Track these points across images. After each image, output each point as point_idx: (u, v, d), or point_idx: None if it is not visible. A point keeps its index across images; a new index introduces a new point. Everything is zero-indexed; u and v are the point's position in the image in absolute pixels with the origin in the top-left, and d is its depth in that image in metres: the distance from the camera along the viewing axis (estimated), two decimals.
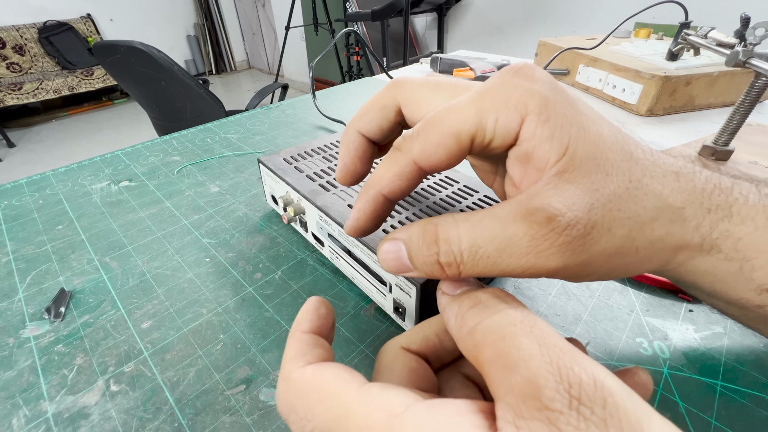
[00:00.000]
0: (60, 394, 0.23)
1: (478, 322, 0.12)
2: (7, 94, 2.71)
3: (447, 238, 0.14)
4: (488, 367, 0.11)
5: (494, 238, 0.13)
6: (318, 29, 2.53)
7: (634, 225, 0.13)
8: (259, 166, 0.34)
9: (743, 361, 0.24)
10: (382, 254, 0.16)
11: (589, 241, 0.13)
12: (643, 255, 0.14)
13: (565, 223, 0.13)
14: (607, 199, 0.13)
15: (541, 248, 0.13)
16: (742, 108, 0.39)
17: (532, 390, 0.10)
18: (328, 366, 0.13)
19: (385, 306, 0.25)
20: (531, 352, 0.10)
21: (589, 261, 0.13)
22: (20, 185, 0.45)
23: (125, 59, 1.23)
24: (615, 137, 0.14)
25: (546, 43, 0.76)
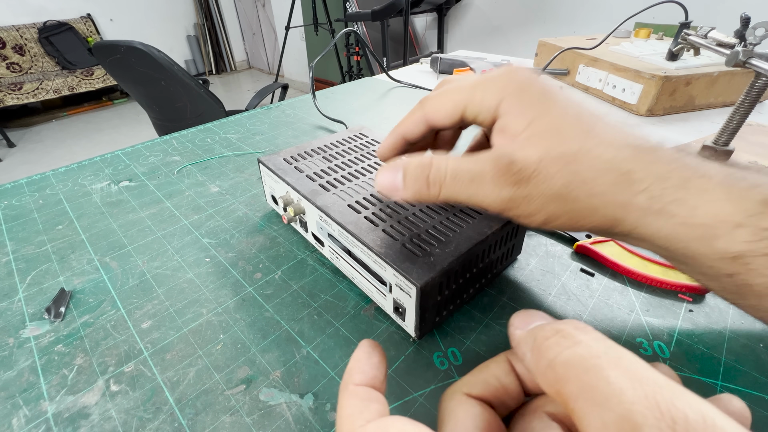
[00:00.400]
0: (60, 394, 0.23)
1: (558, 354, 0.12)
2: (7, 94, 2.71)
3: (438, 164, 0.19)
4: (574, 402, 0.11)
5: (471, 170, 0.19)
6: (318, 29, 2.53)
7: (574, 178, 0.17)
8: (259, 166, 0.34)
9: (743, 361, 0.24)
10: (380, 175, 0.21)
11: (533, 181, 0.17)
12: (584, 205, 0.17)
13: (518, 167, 0.18)
14: (556, 156, 0.17)
15: (500, 181, 0.18)
16: (742, 108, 0.39)
17: (629, 428, 0.09)
18: (391, 422, 0.13)
19: (385, 306, 0.25)
20: (621, 386, 0.10)
21: (531, 196, 0.18)
22: (20, 185, 0.45)
23: (125, 59, 1.23)
24: (579, 117, 0.18)
25: (546, 43, 0.76)
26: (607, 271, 0.31)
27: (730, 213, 0.16)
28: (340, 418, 0.14)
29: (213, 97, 1.37)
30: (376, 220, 0.26)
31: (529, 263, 0.31)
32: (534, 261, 0.32)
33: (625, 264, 0.30)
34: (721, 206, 0.16)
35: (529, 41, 2.14)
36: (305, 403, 0.22)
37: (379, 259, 0.23)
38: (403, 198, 0.21)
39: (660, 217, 0.17)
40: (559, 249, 0.33)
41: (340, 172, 0.31)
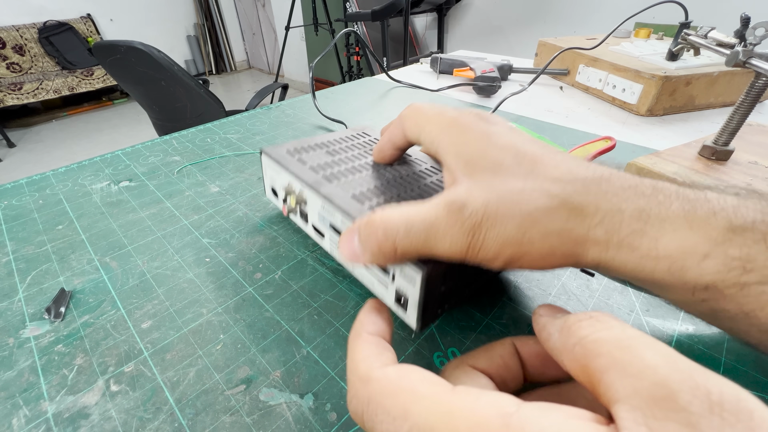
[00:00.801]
0: (60, 394, 0.23)
1: (591, 333, 0.12)
2: (7, 94, 2.71)
3: (386, 218, 0.18)
4: (602, 374, 0.11)
5: (424, 221, 0.17)
6: (318, 29, 2.53)
7: (524, 219, 0.16)
8: (261, 156, 0.34)
9: (743, 361, 0.24)
10: (341, 242, 0.20)
11: (484, 227, 0.16)
12: (540, 246, 0.16)
13: (468, 212, 0.17)
14: (500, 196, 0.17)
15: (453, 230, 0.17)
16: (742, 108, 0.39)
17: (665, 393, 0.10)
18: (410, 368, 0.14)
19: (386, 298, 0.25)
20: (657, 362, 0.10)
21: (486, 243, 0.16)
22: (20, 185, 0.45)
23: (125, 59, 1.23)
24: (522, 154, 0.18)
25: (546, 43, 0.76)
26: None
27: (695, 243, 0.15)
28: (354, 362, 0.14)
29: (213, 97, 1.37)
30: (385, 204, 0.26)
31: None
32: None
33: None
34: (684, 236, 0.15)
35: (529, 41, 2.14)
36: (305, 403, 0.22)
37: None
38: (365, 261, 0.19)
39: (621, 251, 0.16)
40: None
41: (344, 166, 0.31)
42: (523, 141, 0.19)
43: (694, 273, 0.15)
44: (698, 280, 0.15)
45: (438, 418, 0.11)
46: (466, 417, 0.11)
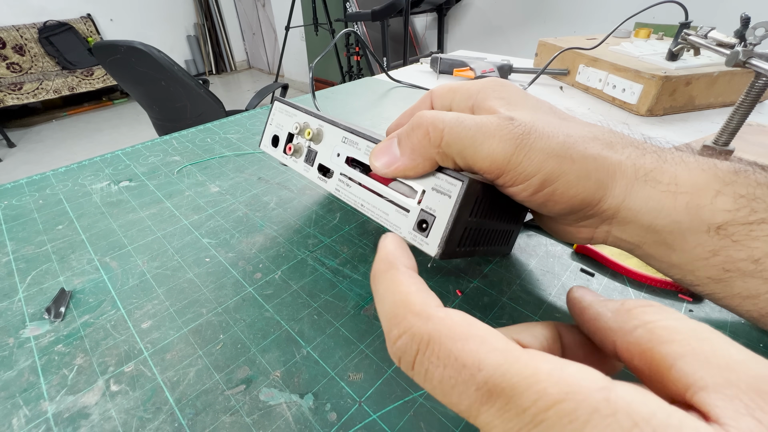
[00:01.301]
0: (60, 394, 0.23)
1: (660, 320, 0.12)
2: (7, 94, 2.71)
3: (438, 114, 0.18)
4: (676, 360, 0.11)
5: (475, 120, 0.18)
6: (318, 29, 2.53)
7: (568, 139, 0.17)
8: (273, 103, 0.32)
9: None
10: (374, 150, 0.21)
11: (531, 137, 0.17)
12: (579, 167, 0.17)
13: (517, 122, 0.18)
14: (545, 122, 0.18)
15: (505, 133, 0.17)
16: (742, 108, 0.39)
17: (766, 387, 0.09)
18: (471, 318, 0.12)
19: (403, 228, 0.22)
20: (743, 358, 0.10)
21: (531, 154, 0.17)
22: (20, 185, 0.45)
23: (125, 59, 1.24)
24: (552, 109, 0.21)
25: (546, 43, 0.76)
26: (607, 271, 0.31)
27: (707, 181, 0.16)
28: (402, 294, 0.13)
29: (213, 97, 1.37)
30: None
31: (529, 263, 0.31)
32: (534, 261, 0.32)
33: (625, 264, 0.30)
34: (698, 175, 0.16)
35: (529, 41, 2.14)
36: (305, 403, 0.22)
37: None
38: (403, 164, 0.19)
39: (646, 187, 0.17)
40: (559, 249, 0.33)
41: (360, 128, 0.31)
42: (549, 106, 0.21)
43: (708, 211, 0.16)
44: (712, 218, 0.16)
45: (520, 376, 0.10)
46: (555, 382, 0.10)
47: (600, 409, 0.09)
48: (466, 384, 0.11)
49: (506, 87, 0.21)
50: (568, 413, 0.09)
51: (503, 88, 0.21)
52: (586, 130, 0.18)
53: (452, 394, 0.11)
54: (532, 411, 0.10)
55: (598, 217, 0.18)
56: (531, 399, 0.10)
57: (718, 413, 0.09)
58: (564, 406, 0.09)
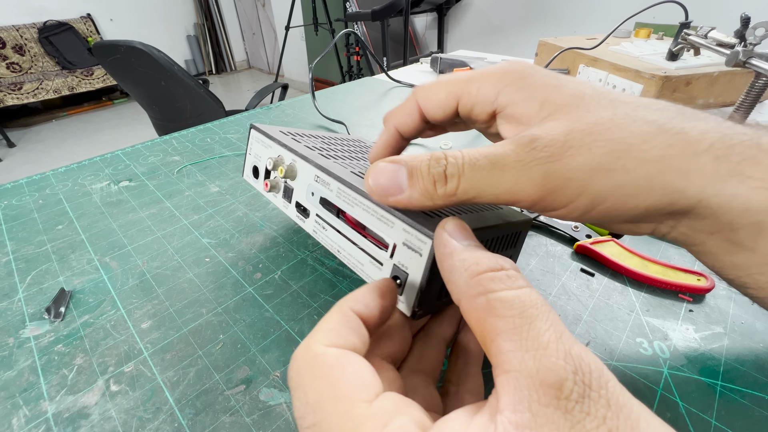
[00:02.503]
0: (60, 394, 0.23)
1: (500, 290, 0.12)
2: (7, 94, 2.71)
3: (454, 155, 0.16)
4: (499, 337, 0.12)
5: (490, 154, 0.15)
6: (318, 29, 2.53)
7: (617, 145, 0.14)
8: (250, 132, 0.31)
9: (743, 361, 0.24)
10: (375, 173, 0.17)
11: (566, 157, 0.14)
12: (635, 176, 0.14)
13: (544, 142, 0.15)
14: (587, 126, 0.15)
15: (526, 160, 0.15)
16: (742, 108, 0.39)
17: (554, 380, 0.10)
18: (353, 359, 0.13)
19: None
20: (550, 339, 0.11)
21: (569, 175, 0.14)
22: (20, 185, 0.45)
23: (125, 59, 1.23)
24: (599, 92, 0.16)
25: (546, 43, 0.76)
26: (607, 271, 0.31)
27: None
28: (317, 327, 0.14)
29: (213, 97, 1.37)
30: None
31: (529, 263, 0.31)
32: (534, 261, 0.32)
33: (626, 264, 0.30)
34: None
35: (529, 41, 2.14)
36: None
37: (386, 215, 0.20)
38: (407, 199, 0.17)
39: (731, 182, 0.14)
40: (559, 249, 0.33)
41: (341, 152, 0.29)
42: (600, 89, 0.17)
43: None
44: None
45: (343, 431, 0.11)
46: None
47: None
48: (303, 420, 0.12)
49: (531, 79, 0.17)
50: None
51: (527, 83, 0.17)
52: (648, 120, 0.15)
53: (297, 424, 0.13)
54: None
55: (667, 214, 0.16)
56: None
57: (503, 399, 0.11)
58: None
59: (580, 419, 0.10)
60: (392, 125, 0.21)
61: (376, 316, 0.15)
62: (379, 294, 0.16)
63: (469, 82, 0.18)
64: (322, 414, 0.12)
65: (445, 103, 0.19)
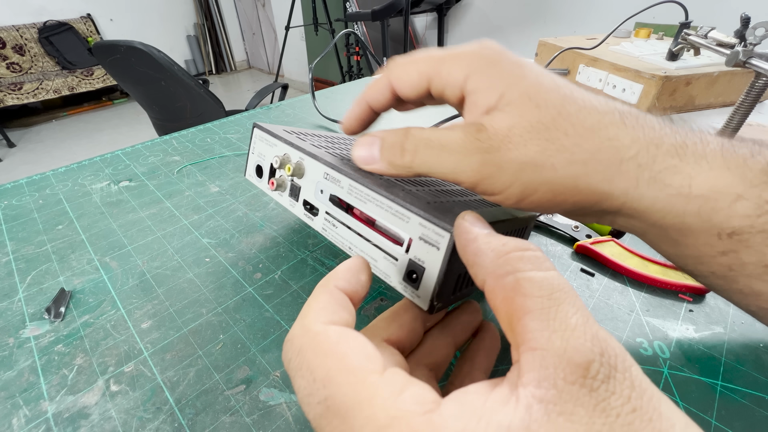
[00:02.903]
0: (60, 394, 0.23)
1: (529, 270, 0.13)
2: (7, 94, 2.71)
3: (413, 132, 0.18)
4: (526, 316, 0.12)
5: (441, 137, 0.17)
6: (318, 29, 2.53)
7: (551, 144, 0.16)
8: (253, 131, 0.30)
9: (743, 361, 0.24)
10: (357, 146, 0.20)
11: (504, 149, 0.16)
12: (563, 174, 0.16)
13: (487, 134, 0.16)
14: (529, 123, 0.16)
15: (469, 147, 0.17)
16: (742, 108, 0.39)
17: (581, 360, 0.11)
18: (354, 334, 0.13)
19: (392, 277, 0.21)
20: (577, 322, 0.11)
21: (502, 165, 0.16)
22: (20, 185, 0.45)
23: (125, 59, 1.23)
24: (556, 84, 0.17)
25: (546, 43, 0.76)
26: (607, 271, 0.31)
27: (729, 183, 0.14)
28: (308, 308, 0.14)
29: (213, 97, 1.37)
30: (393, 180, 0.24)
31: None
32: None
33: (626, 264, 0.30)
34: (719, 175, 0.15)
35: (529, 41, 2.14)
36: None
37: (401, 210, 0.20)
38: (378, 169, 0.19)
39: (652, 188, 0.15)
40: (559, 249, 0.33)
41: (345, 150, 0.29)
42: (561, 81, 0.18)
43: (723, 215, 0.14)
44: (726, 223, 0.14)
45: (358, 399, 0.11)
46: (387, 408, 0.11)
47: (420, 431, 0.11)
48: (313, 397, 0.12)
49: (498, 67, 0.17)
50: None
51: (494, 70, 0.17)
52: (586, 125, 0.16)
53: (304, 404, 0.12)
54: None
55: (597, 212, 0.17)
56: (360, 422, 0.11)
57: (527, 375, 0.11)
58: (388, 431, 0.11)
59: (605, 397, 0.10)
60: (364, 100, 0.22)
61: (358, 291, 0.16)
62: (357, 270, 0.16)
63: (440, 62, 0.19)
64: (333, 387, 0.12)
65: (417, 84, 0.19)
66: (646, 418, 0.10)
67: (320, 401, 0.12)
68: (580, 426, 0.10)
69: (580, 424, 0.10)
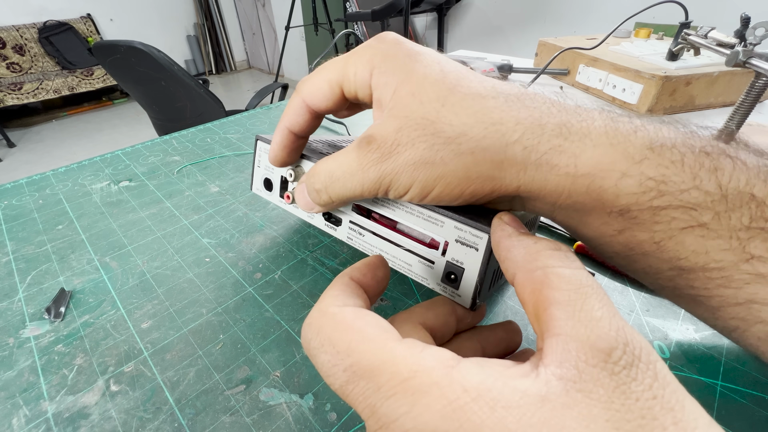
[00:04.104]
0: (60, 394, 0.23)
1: (558, 266, 0.13)
2: (7, 94, 2.71)
3: (317, 170, 0.19)
4: (553, 306, 0.12)
5: (341, 164, 0.18)
6: (318, 29, 2.53)
7: (437, 140, 0.16)
8: (256, 144, 0.30)
9: (743, 361, 0.24)
10: (297, 194, 0.21)
11: (395, 153, 0.16)
12: (454, 167, 0.16)
13: (377, 143, 0.17)
14: (414, 122, 0.16)
15: (364, 164, 0.17)
16: (742, 108, 0.39)
17: (604, 346, 0.11)
18: (368, 313, 0.14)
19: (430, 279, 0.22)
20: (603, 314, 0.12)
21: (397, 169, 0.16)
22: (20, 185, 0.45)
23: (125, 59, 1.23)
24: (444, 75, 0.17)
25: (546, 43, 0.76)
26: (607, 271, 0.31)
27: (613, 161, 0.14)
28: (324, 294, 0.15)
29: (213, 97, 1.37)
30: None
31: None
32: None
33: None
34: (603, 153, 0.15)
35: (529, 41, 2.14)
36: (305, 403, 0.22)
37: (434, 215, 0.20)
38: (312, 209, 0.21)
39: (541, 170, 0.15)
40: None
41: None
42: (447, 62, 0.18)
43: (611, 194, 0.15)
44: (614, 201, 0.15)
45: (381, 361, 0.12)
46: (409, 364, 0.12)
47: (439, 382, 0.11)
48: (337, 367, 0.13)
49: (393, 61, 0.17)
50: (413, 387, 0.11)
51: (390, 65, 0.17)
52: (470, 112, 0.16)
53: (329, 375, 0.13)
54: (386, 387, 0.12)
55: (502, 198, 0.17)
56: (385, 378, 0.12)
57: (548, 357, 0.11)
58: (411, 382, 0.12)
59: (626, 381, 0.10)
60: (284, 126, 0.21)
61: (373, 286, 0.17)
62: (375, 266, 0.17)
63: (345, 65, 0.18)
64: (357, 355, 0.13)
65: (330, 94, 0.19)
66: (668, 407, 0.10)
67: (345, 369, 0.13)
68: (599, 403, 0.10)
69: (598, 401, 0.10)
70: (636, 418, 0.10)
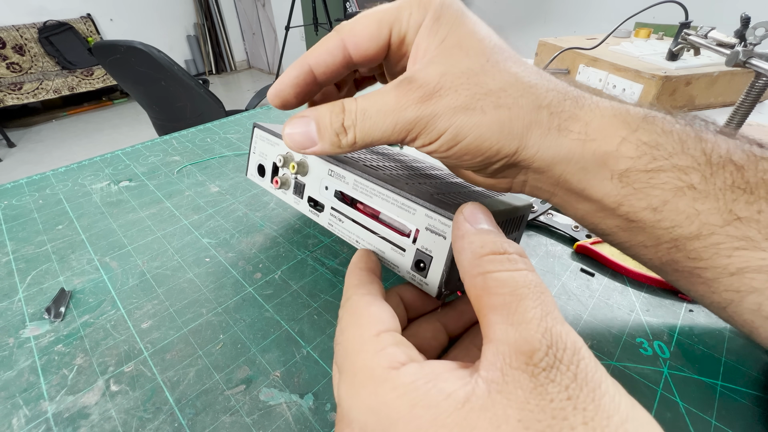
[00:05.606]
0: (60, 394, 0.23)
1: (497, 271, 0.14)
2: (7, 94, 2.71)
3: (348, 105, 0.18)
4: (491, 312, 0.13)
5: (375, 102, 0.17)
6: (318, 29, 2.53)
7: (480, 89, 0.17)
8: (254, 131, 0.31)
9: (743, 361, 0.24)
10: (289, 129, 0.19)
11: (437, 96, 0.17)
12: (491, 118, 0.16)
13: (418, 83, 0.17)
14: (460, 70, 0.17)
15: (403, 103, 0.17)
16: (742, 108, 0.39)
17: (527, 348, 0.12)
18: (377, 302, 0.16)
19: (400, 267, 0.22)
20: (534, 316, 0.12)
21: (437, 113, 0.17)
22: (20, 185, 0.45)
23: (125, 59, 1.23)
24: (489, 35, 0.18)
25: (546, 43, 0.76)
26: (607, 271, 0.31)
27: (616, 128, 0.16)
28: (346, 287, 0.18)
29: (213, 97, 1.37)
30: (397, 174, 0.24)
31: None
32: (534, 261, 0.32)
33: (625, 264, 0.30)
34: (609, 122, 0.17)
35: (529, 41, 2.13)
36: (305, 403, 0.22)
37: (407, 203, 0.21)
38: (319, 151, 0.19)
39: (559, 136, 0.17)
40: (559, 249, 0.33)
41: None
42: (494, 34, 0.19)
43: (613, 158, 0.16)
44: (616, 165, 0.16)
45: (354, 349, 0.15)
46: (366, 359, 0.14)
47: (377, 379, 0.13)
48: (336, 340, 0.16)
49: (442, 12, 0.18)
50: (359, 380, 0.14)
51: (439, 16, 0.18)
52: (511, 72, 0.17)
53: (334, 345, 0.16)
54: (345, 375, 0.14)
55: (516, 167, 0.18)
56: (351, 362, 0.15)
57: (482, 361, 0.12)
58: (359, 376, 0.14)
59: (543, 383, 0.11)
60: (307, 62, 0.19)
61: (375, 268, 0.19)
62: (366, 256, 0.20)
63: (399, 9, 0.18)
64: (344, 336, 0.15)
65: (377, 35, 0.18)
66: (580, 408, 0.11)
67: (338, 343, 0.16)
68: (515, 403, 0.11)
69: (515, 402, 0.11)
70: (547, 419, 0.11)
